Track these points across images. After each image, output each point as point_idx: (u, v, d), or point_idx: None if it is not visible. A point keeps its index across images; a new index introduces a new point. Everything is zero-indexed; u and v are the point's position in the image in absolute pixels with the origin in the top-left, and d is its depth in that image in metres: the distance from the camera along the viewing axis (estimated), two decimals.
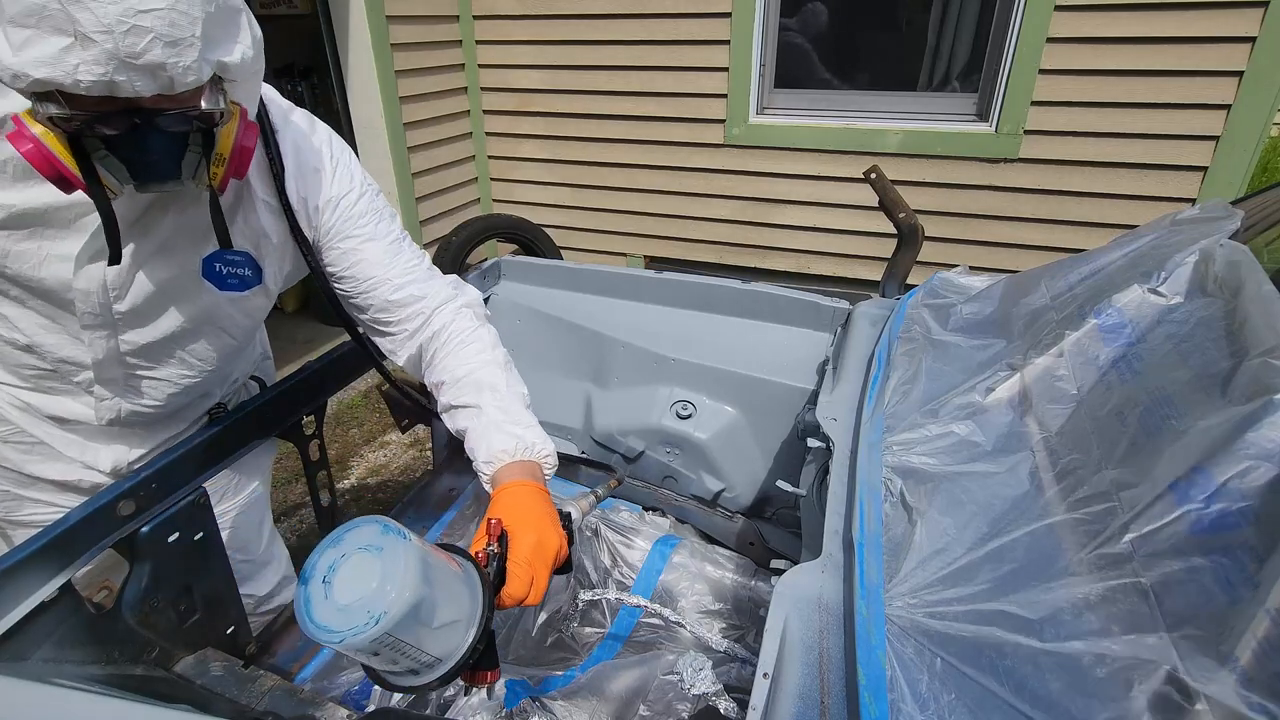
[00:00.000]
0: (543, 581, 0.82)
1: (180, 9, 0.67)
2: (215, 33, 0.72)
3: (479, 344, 1.06)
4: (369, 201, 1.06)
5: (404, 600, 0.61)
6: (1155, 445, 0.76)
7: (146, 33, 0.65)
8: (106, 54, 0.64)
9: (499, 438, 0.95)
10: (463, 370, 1.03)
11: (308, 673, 1.45)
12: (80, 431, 1.12)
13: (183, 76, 0.70)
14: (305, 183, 1.00)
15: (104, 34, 0.63)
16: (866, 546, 0.83)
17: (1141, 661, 0.59)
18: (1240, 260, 0.89)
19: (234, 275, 1.00)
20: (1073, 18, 2.77)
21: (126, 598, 1.04)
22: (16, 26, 0.63)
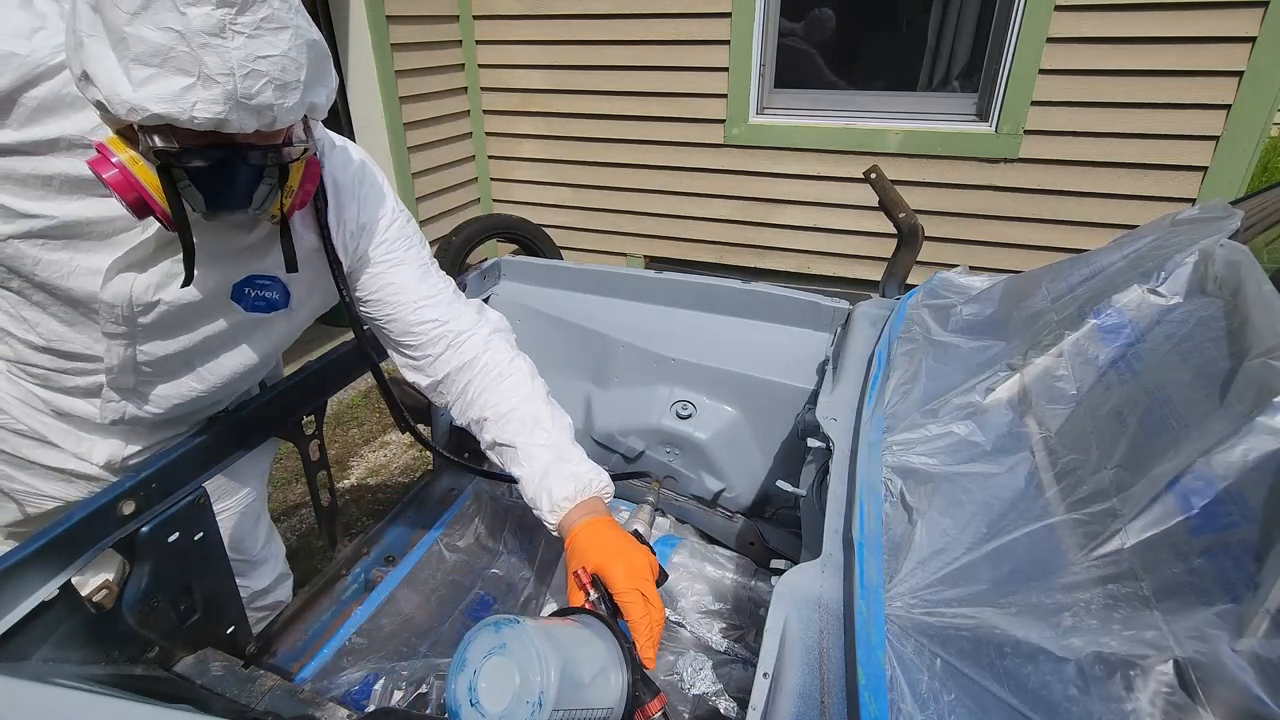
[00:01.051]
0: (655, 596, 0.86)
1: (292, 55, 0.72)
2: (314, 77, 0.77)
3: (517, 376, 1.07)
4: (400, 228, 1.08)
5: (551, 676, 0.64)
6: (1155, 445, 0.76)
7: (262, 76, 0.70)
8: (225, 94, 0.68)
9: (559, 485, 0.96)
10: (506, 406, 1.03)
11: (308, 673, 1.46)
12: (78, 425, 1.13)
13: (285, 116, 0.74)
14: (342, 210, 1.02)
15: (226, 76, 0.68)
16: (866, 546, 0.83)
17: (1141, 661, 0.59)
18: (1240, 260, 0.89)
19: (261, 298, 1.02)
20: (1073, 18, 2.77)
21: (126, 598, 1.04)
22: (140, 65, 0.66)
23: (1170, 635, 0.59)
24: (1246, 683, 0.52)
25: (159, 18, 0.65)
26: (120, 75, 0.67)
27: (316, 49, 0.76)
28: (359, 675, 1.32)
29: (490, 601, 1.72)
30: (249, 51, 0.68)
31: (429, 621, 1.65)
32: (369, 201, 1.05)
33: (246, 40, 0.68)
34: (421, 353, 1.09)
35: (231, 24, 0.67)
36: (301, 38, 0.73)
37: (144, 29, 0.65)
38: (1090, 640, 0.63)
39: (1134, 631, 0.62)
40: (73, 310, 0.97)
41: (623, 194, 3.89)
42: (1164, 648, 0.59)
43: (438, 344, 1.08)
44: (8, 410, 1.10)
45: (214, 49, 0.67)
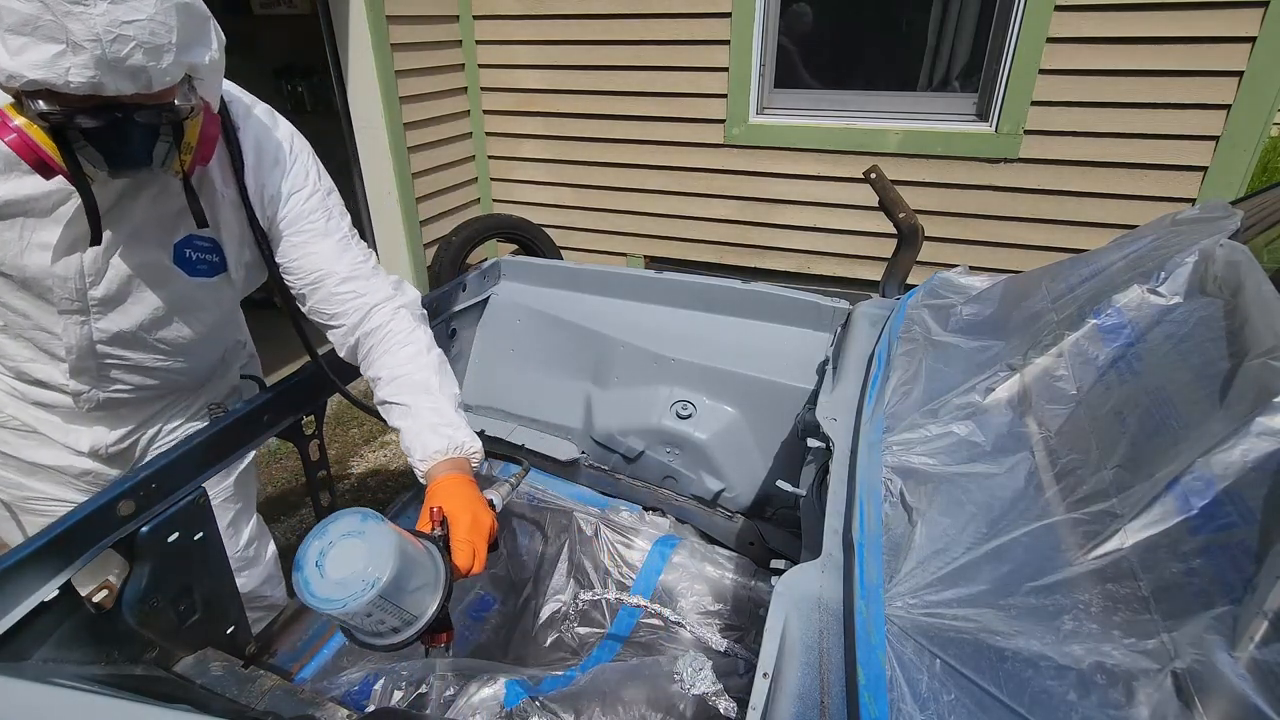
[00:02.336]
0: (483, 553, 0.97)
1: (159, 19, 0.76)
2: (188, 39, 0.80)
3: (415, 346, 1.12)
4: (321, 200, 1.12)
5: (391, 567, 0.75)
6: (1154, 446, 0.76)
7: (130, 40, 0.74)
8: (95, 59, 0.73)
9: (433, 439, 1.03)
10: (400, 370, 1.09)
11: (308, 673, 1.46)
12: (62, 415, 1.17)
13: (160, 77, 0.78)
14: (263, 175, 1.06)
15: (93, 42, 0.72)
16: (866, 546, 0.83)
17: (1140, 662, 0.59)
18: (1240, 260, 0.89)
19: (203, 261, 1.07)
20: (1073, 18, 2.77)
21: (126, 598, 1.04)
22: (13, 34, 0.71)
23: (1168, 641, 0.59)
24: (1243, 689, 0.52)
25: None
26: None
27: (189, 11, 0.79)
28: (359, 675, 1.31)
29: (491, 601, 1.72)
30: (113, 17, 0.72)
31: None
32: (290, 171, 1.09)
33: (110, 6, 0.72)
34: (337, 321, 1.14)
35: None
36: (169, 1, 0.76)
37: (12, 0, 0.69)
38: (1089, 641, 0.63)
39: (1133, 638, 0.62)
40: (28, 292, 1.01)
41: (623, 194, 3.89)
42: (1162, 654, 0.59)
43: (353, 315, 1.12)
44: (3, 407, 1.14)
45: (77, 16, 0.70)
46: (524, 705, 1.19)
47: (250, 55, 4.67)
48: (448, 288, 1.80)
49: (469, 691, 1.23)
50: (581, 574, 1.73)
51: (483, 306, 1.95)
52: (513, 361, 1.93)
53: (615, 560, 1.72)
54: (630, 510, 1.81)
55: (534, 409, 1.91)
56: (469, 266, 3.03)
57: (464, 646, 1.59)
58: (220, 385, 1.38)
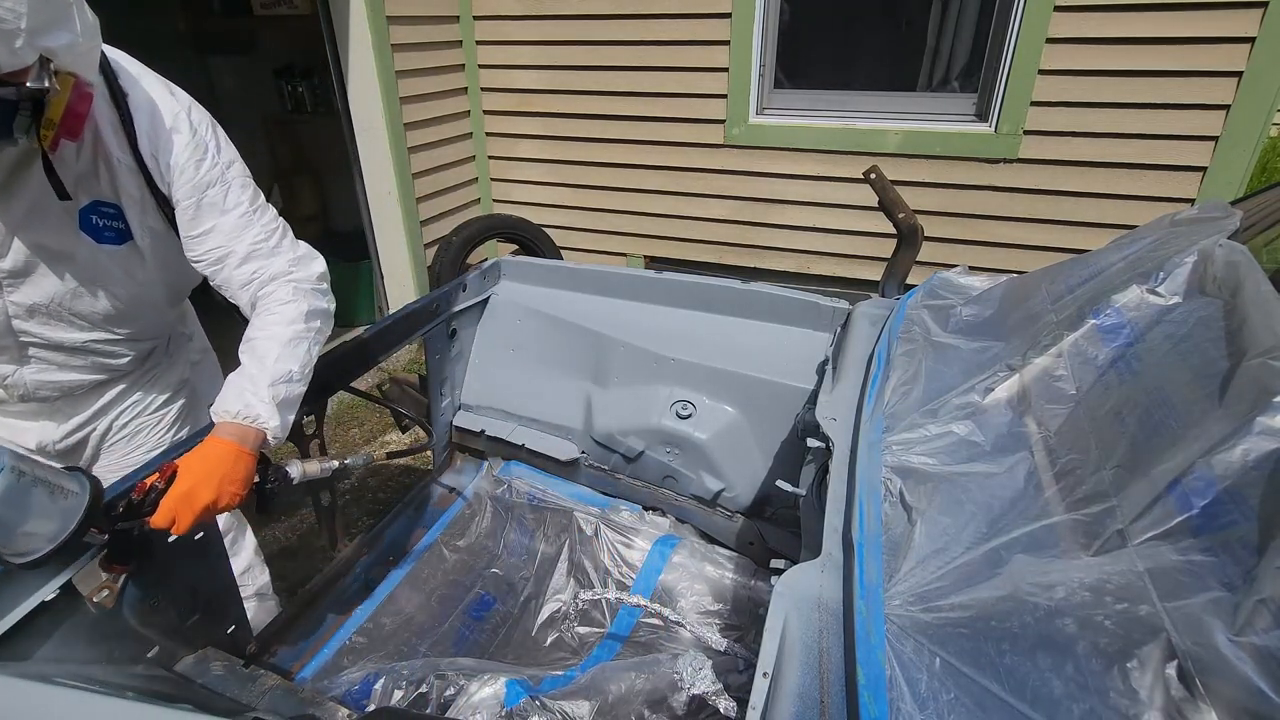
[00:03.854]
0: (185, 522, 0.97)
1: (7, 5, 0.75)
2: (42, 23, 0.79)
3: (277, 316, 1.12)
4: (220, 173, 1.11)
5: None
6: (1154, 445, 0.77)
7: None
8: None
9: (233, 398, 1.05)
10: (254, 334, 1.11)
11: (308, 672, 1.46)
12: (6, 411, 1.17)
13: (10, 60, 0.78)
14: (158, 143, 1.06)
15: None
16: (866, 546, 0.83)
17: (1141, 659, 0.59)
18: (1239, 260, 0.89)
19: (110, 228, 1.07)
20: (1073, 18, 2.77)
21: (127, 598, 1.04)
22: None
23: (1170, 629, 0.59)
24: (1246, 674, 0.52)
25: None
26: None
27: None
28: (359, 675, 1.32)
29: (491, 601, 1.72)
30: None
31: (429, 621, 1.65)
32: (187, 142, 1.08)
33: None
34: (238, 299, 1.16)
35: None
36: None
37: None
38: (1090, 639, 0.63)
39: (1133, 630, 0.62)
40: None
41: (622, 194, 3.89)
42: (1163, 646, 0.59)
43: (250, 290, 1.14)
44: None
45: None
46: (524, 705, 1.19)
47: (250, 55, 4.67)
48: (448, 288, 1.80)
49: (469, 691, 1.23)
50: (581, 574, 1.73)
51: (483, 306, 1.95)
52: (513, 361, 1.93)
53: (615, 560, 1.72)
54: (630, 510, 1.81)
55: (534, 409, 1.91)
56: (469, 266, 3.02)
57: (464, 646, 1.60)
58: (167, 377, 1.36)
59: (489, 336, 1.96)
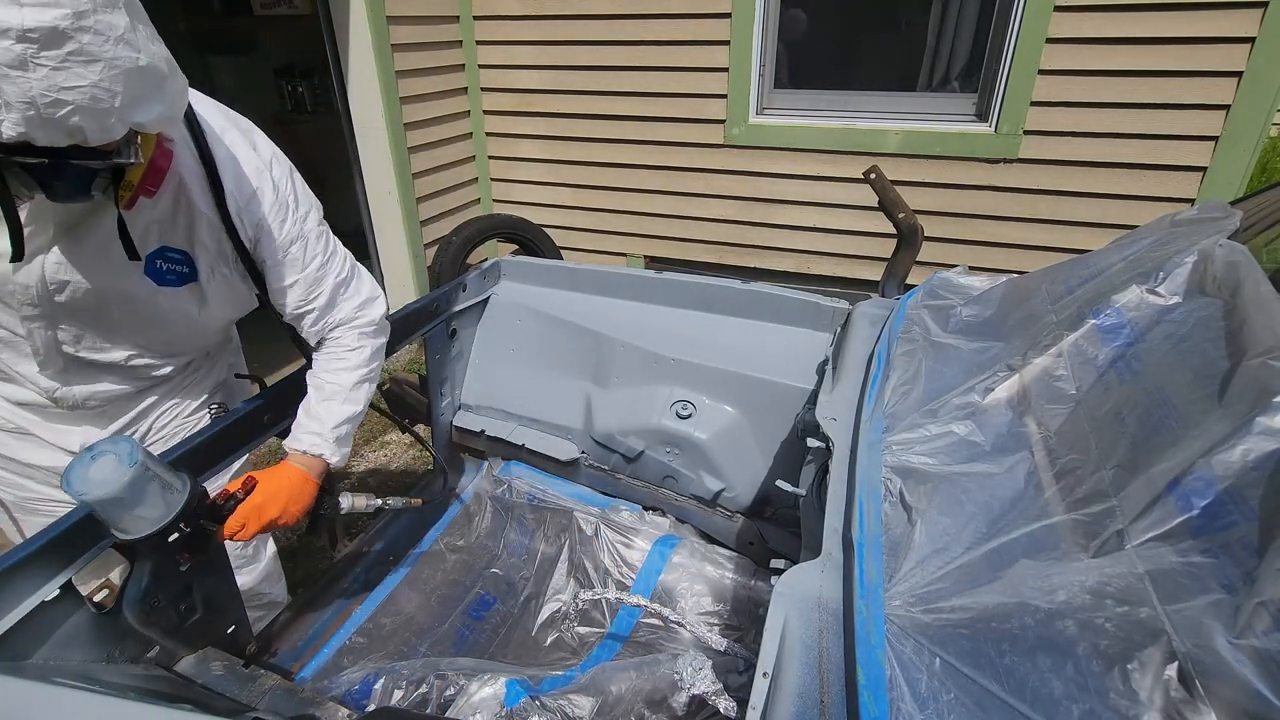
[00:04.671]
0: (251, 530, 1.10)
1: (104, 85, 0.73)
2: (136, 100, 0.78)
3: (346, 362, 1.25)
4: (300, 228, 1.14)
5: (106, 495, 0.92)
6: (1154, 445, 0.77)
7: (68, 105, 0.71)
8: (26, 118, 0.71)
9: (305, 437, 1.21)
10: (323, 375, 1.24)
11: (308, 672, 1.46)
12: (48, 415, 1.18)
13: (100, 136, 0.76)
14: (243, 201, 1.08)
15: (25, 104, 0.70)
16: (866, 546, 0.83)
17: (1141, 659, 0.59)
18: (1239, 260, 0.89)
19: (173, 272, 1.08)
20: (1073, 18, 2.77)
21: (127, 597, 1.04)
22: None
23: (1170, 631, 0.59)
24: (1246, 676, 0.52)
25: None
26: None
27: (142, 74, 0.77)
28: (359, 675, 1.32)
29: (491, 601, 1.72)
30: (52, 83, 0.70)
31: (429, 621, 1.65)
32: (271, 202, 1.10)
33: (50, 72, 0.69)
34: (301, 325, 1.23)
35: (34, 58, 0.68)
36: (117, 68, 0.74)
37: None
38: (1089, 639, 0.63)
39: (1133, 631, 0.62)
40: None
41: (623, 194, 3.89)
42: (1164, 643, 0.59)
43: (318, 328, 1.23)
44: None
45: (13, 80, 0.68)
46: (524, 705, 1.19)
47: (250, 55, 4.67)
48: (448, 288, 1.80)
49: (469, 691, 1.23)
50: (581, 574, 1.73)
51: (483, 306, 1.95)
52: (513, 361, 1.93)
53: (615, 560, 1.72)
54: (630, 510, 1.81)
55: (534, 409, 1.91)
56: (469, 266, 3.02)
57: (464, 647, 1.60)
58: (205, 382, 1.37)
59: (489, 336, 1.96)
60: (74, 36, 0.70)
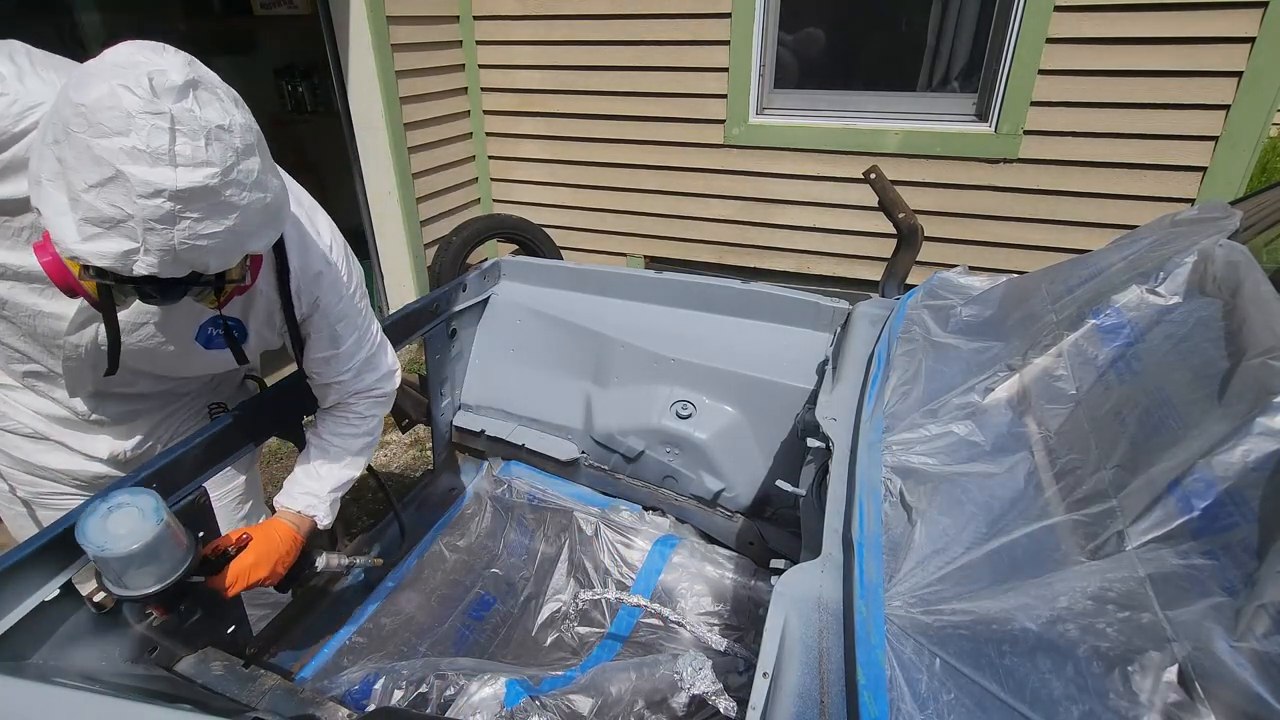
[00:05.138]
0: (238, 586, 1.10)
1: (237, 230, 0.75)
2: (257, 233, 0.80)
3: (354, 429, 1.29)
4: (350, 303, 1.18)
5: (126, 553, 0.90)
6: (1154, 445, 0.77)
7: (203, 249, 0.74)
8: (162, 261, 0.73)
9: (300, 497, 1.24)
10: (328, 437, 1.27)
11: (308, 672, 1.46)
12: (75, 425, 1.18)
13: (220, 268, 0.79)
14: (305, 282, 1.10)
15: (165, 251, 0.72)
16: (866, 546, 0.83)
17: (1141, 660, 0.59)
18: (1239, 260, 0.89)
19: (221, 337, 1.09)
20: (1072, 18, 2.77)
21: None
22: (89, 224, 0.70)
23: (1170, 633, 0.59)
24: (1246, 680, 0.52)
25: (113, 197, 0.68)
26: (70, 226, 0.70)
27: (267, 212, 0.79)
28: (359, 675, 1.32)
29: (491, 601, 1.72)
30: (194, 231, 0.72)
31: (429, 621, 1.65)
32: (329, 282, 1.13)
33: (193, 224, 0.72)
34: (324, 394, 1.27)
35: (181, 214, 0.70)
36: (251, 211, 0.76)
37: (99, 201, 0.68)
38: (1089, 640, 0.63)
39: (1134, 630, 0.62)
40: (35, 342, 1.02)
41: (623, 194, 3.89)
42: (1164, 646, 0.59)
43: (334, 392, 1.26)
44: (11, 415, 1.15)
45: (159, 232, 0.70)
46: (524, 705, 1.19)
47: (250, 55, 4.66)
48: (448, 288, 1.80)
49: (469, 691, 1.23)
50: (581, 574, 1.73)
51: (483, 306, 1.95)
52: (513, 361, 1.93)
53: (615, 560, 1.72)
54: (630, 510, 1.81)
55: (534, 409, 1.91)
56: (469, 266, 3.02)
57: (464, 647, 1.60)
58: (224, 390, 1.40)
59: (489, 336, 1.96)
60: (219, 191, 0.72)
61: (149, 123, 0.67)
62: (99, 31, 3.91)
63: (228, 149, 0.72)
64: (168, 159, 0.68)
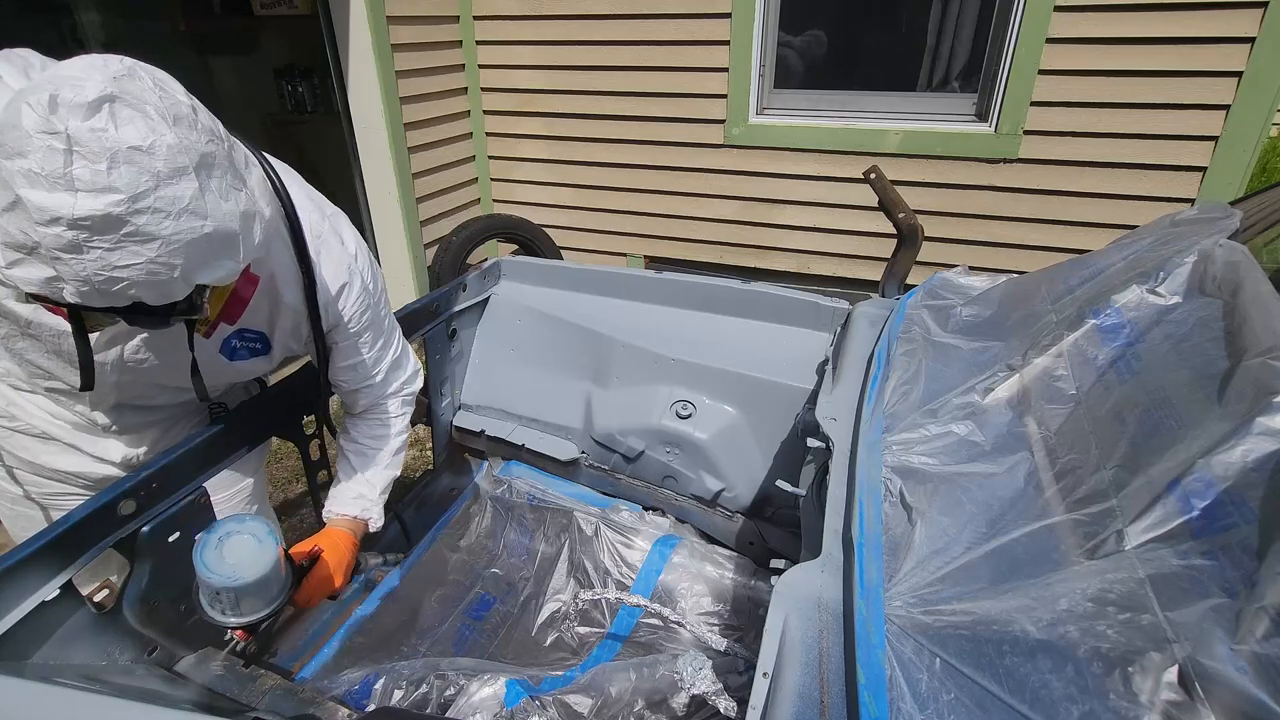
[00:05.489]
0: (316, 600, 1.14)
1: (162, 260, 0.70)
2: (198, 265, 0.74)
3: (388, 430, 1.32)
4: (375, 314, 1.19)
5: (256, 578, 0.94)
6: (1154, 445, 0.77)
7: (122, 281, 0.69)
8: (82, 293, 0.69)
9: (351, 504, 1.26)
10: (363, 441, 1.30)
11: (308, 672, 1.46)
12: (91, 430, 1.17)
13: (159, 301, 0.74)
14: (332, 294, 1.11)
15: (80, 282, 0.68)
16: (866, 546, 0.83)
17: (1141, 659, 0.59)
18: (1239, 260, 0.89)
19: (245, 348, 1.10)
20: (1072, 18, 2.77)
21: (127, 597, 1.04)
22: (10, 249, 0.67)
23: (1170, 635, 0.59)
24: (1245, 683, 0.52)
25: (19, 223, 0.65)
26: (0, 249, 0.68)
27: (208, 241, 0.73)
28: (359, 675, 1.32)
29: (491, 601, 1.72)
30: (106, 262, 0.67)
31: (429, 621, 1.65)
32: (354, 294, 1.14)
33: (105, 254, 0.67)
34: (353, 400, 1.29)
35: (86, 243, 0.66)
36: (177, 242, 0.70)
37: (10, 226, 0.66)
38: (1089, 640, 0.63)
39: (1134, 631, 0.62)
40: (60, 359, 1.01)
41: (623, 194, 3.89)
42: (1164, 647, 0.59)
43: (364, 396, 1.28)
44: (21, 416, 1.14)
45: (66, 262, 0.67)
46: (524, 705, 1.19)
47: (250, 55, 4.67)
48: (448, 288, 1.80)
49: (469, 691, 1.23)
50: (581, 574, 1.73)
51: (483, 306, 1.95)
52: (513, 361, 1.93)
53: (615, 560, 1.72)
54: (630, 510, 1.81)
55: (534, 409, 1.91)
56: (469, 266, 3.02)
57: (464, 647, 1.60)
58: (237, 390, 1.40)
59: (489, 336, 1.96)
60: (129, 220, 0.67)
61: (44, 143, 0.63)
62: (99, 32, 3.91)
63: (142, 172, 0.66)
64: (64, 183, 0.64)
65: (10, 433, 1.16)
